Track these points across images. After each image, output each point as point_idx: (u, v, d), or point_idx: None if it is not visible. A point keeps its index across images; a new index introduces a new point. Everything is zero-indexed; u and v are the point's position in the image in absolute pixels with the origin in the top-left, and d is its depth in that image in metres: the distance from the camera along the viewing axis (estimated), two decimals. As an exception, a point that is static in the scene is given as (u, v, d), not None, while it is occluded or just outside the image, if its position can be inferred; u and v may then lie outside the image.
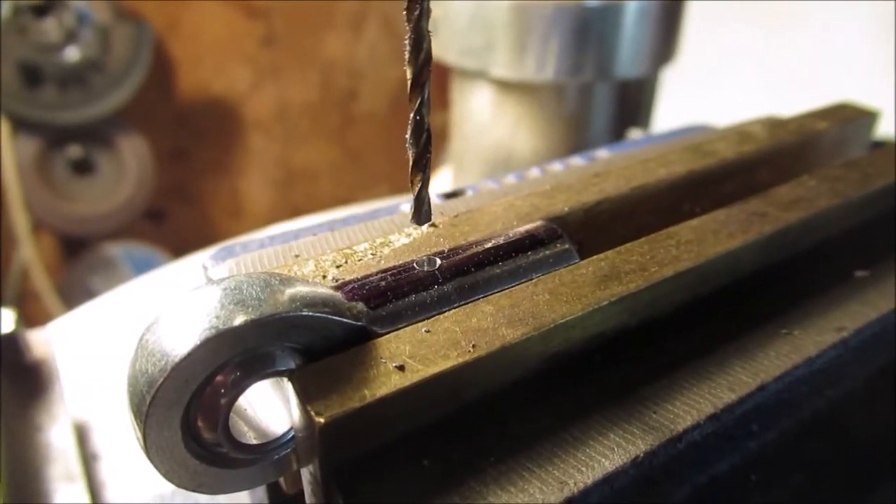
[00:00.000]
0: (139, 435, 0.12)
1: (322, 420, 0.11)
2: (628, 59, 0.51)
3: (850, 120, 0.24)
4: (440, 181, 0.66)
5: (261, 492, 0.18)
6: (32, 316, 1.44)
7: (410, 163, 0.13)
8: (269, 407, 0.13)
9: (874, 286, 0.17)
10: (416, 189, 0.13)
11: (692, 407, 0.13)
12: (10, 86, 1.10)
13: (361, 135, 1.89)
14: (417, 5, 0.11)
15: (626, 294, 0.14)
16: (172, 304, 0.13)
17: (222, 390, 0.12)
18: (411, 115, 0.12)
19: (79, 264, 1.37)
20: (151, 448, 0.12)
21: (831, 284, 0.17)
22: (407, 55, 0.12)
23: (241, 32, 1.59)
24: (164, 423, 0.12)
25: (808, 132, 0.23)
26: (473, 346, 0.13)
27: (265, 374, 0.12)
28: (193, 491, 0.13)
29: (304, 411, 0.12)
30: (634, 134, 0.42)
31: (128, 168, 1.29)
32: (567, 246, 0.16)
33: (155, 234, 1.62)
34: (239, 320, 0.12)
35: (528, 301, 0.14)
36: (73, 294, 1.36)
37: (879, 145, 0.25)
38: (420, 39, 0.12)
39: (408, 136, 0.13)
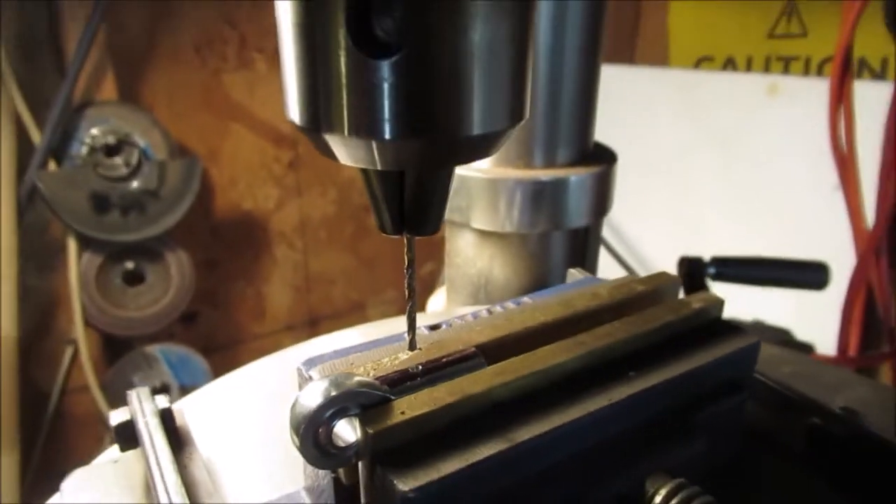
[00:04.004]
0: (297, 443, 0.29)
1: (371, 431, 0.29)
2: (574, 213, 0.69)
3: (662, 284, 0.43)
4: (437, 298, 0.85)
5: (329, 499, 0.34)
6: (78, 405, 1.58)
7: (407, 324, 0.31)
8: (347, 430, 0.31)
9: (638, 378, 0.35)
10: (409, 342, 0.31)
11: (533, 429, 0.30)
12: (81, 212, 1.30)
13: (373, 244, 2.07)
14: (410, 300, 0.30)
15: (503, 382, 0.32)
16: (311, 384, 0.30)
17: (330, 422, 0.29)
18: (407, 309, 0.31)
19: (123, 362, 1.53)
20: (304, 448, 0.29)
21: (617, 380, 0.35)
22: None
23: (271, 158, 1.81)
24: (307, 436, 0.29)
25: (633, 292, 0.41)
26: (434, 401, 0.30)
27: (347, 416, 0.30)
28: (313, 465, 0.30)
29: (364, 430, 0.29)
30: (572, 273, 0.60)
31: (172, 278, 1.48)
32: (481, 360, 0.33)
33: (185, 334, 1.78)
34: (336, 391, 0.30)
35: (459, 384, 0.32)
36: (117, 388, 1.50)
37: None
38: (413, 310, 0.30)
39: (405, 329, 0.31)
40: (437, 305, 0.86)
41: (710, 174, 1.58)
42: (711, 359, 0.36)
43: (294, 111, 0.25)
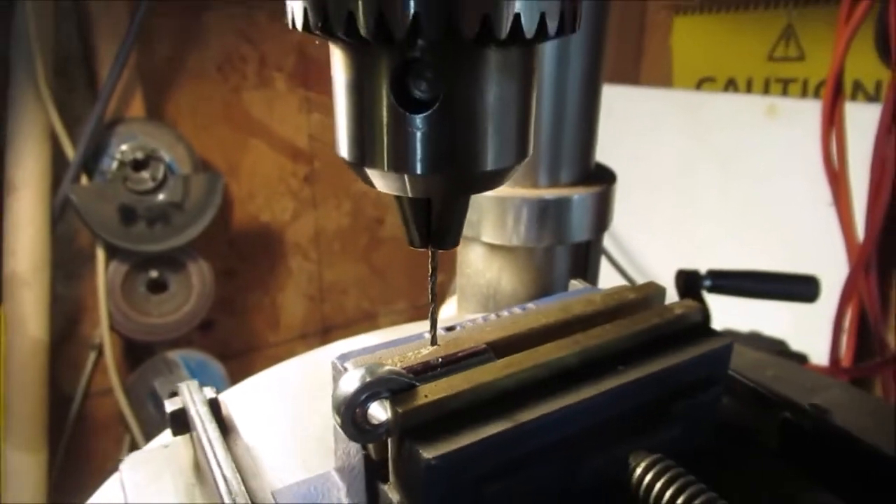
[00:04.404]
0: (338, 421, 0.35)
1: (401, 411, 0.35)
2: (576, 229, 0.74)
3: (650, 293, 0.49)
4: (449, 306, 0.91)
5: (359, 475, 0.40)
6: (99, 408, 1.63)
7: (430, 323, 0.37)
8: (379, 410, 0.37)
9: (625, 372, 0.41)
10: (431, 338, 0.37)
11: (535, 411, 0.36)
12: (110, 223, 1.37)
13: (385, 255, 2.13)
14: (433, 302, 0.35)
15: (511, 373, 0.38)
16: (349, 372, 0.36)
17: (365, 404, 0.35)
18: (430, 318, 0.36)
19: (145, 367, 1.59)
20: (344, 425, 0.35)
21: (607, 373, 0.41)
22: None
23: (288, 172, 1.87)
24: (346, 415, 0.35)
25: (624, 299, 0.47)
26: (452, 387, 0.36)
27: (379, 398, 0.36)
28: (352, 440, 0.36)
29: (394, 410, 0.35)
30: (574, 283, 0.66)
31: (193, 287, 1.54)
32: (491, 355, 0.39)
33: (203, 340, 1.84)
34: (370, 378, 0.36)
35: (472, 374, 0.38)
36: (138, 392, 1.56)
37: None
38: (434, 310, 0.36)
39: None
40: (449, 313, 0.92)
41: (711, 191, 1.64)
42: (689, 357, 0.42)
43: (343, 149, 0.32)
